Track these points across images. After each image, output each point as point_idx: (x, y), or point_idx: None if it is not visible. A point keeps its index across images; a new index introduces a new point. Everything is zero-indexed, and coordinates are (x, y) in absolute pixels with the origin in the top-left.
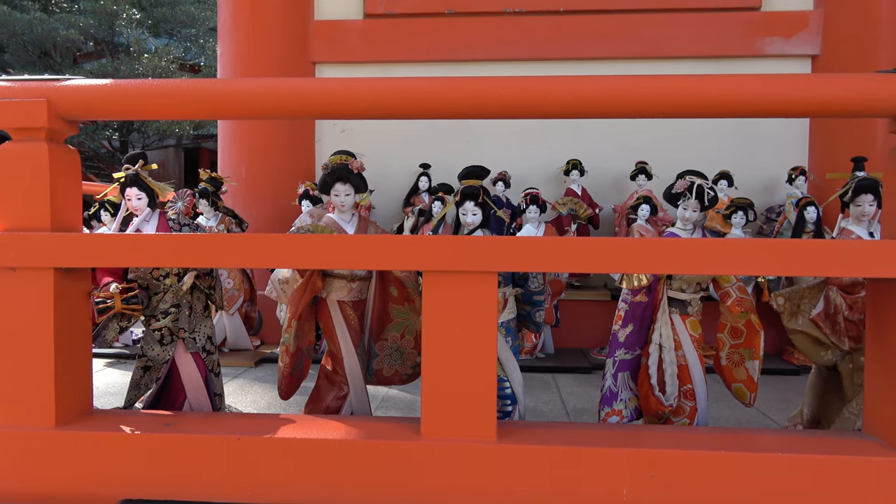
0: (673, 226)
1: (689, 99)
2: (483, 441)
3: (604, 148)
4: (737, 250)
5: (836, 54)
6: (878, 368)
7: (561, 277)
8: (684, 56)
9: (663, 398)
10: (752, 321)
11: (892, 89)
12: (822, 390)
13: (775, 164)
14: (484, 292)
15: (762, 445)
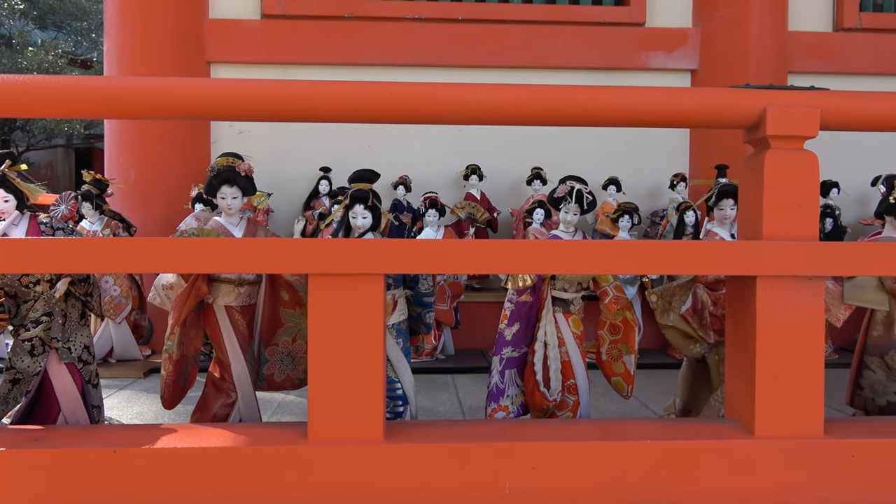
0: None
1: (572, 108)
2: (370, 442)
3: (502, 154)
4: (612, 252)
5: (713, 69)
6: (737, 358)
7: (460, 279)
8: (575, 67)
9: (548, 393)
10: (628, 318)
11: (743, 103)
12: (692, 381)
13: (659, 170)
14: (371, 294)
15: (635, 434)
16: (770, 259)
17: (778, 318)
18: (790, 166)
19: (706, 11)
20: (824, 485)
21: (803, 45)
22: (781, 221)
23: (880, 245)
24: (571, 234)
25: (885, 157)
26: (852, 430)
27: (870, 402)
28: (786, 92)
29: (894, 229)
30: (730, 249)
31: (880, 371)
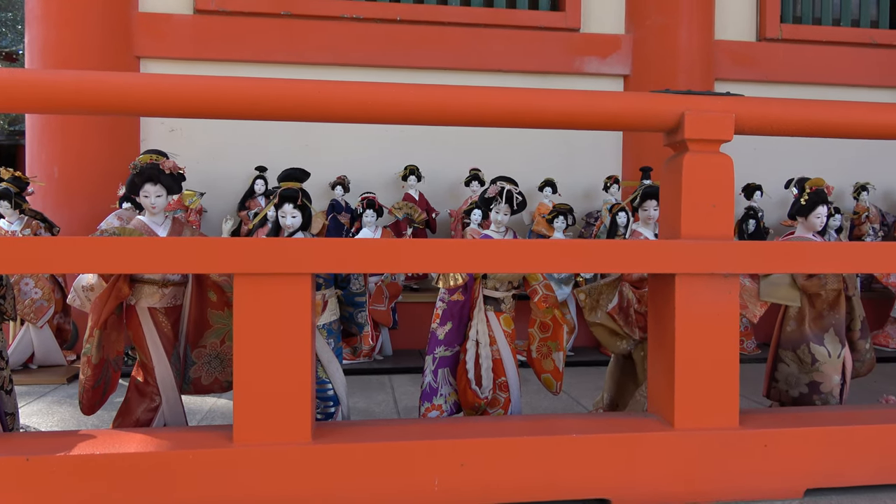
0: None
1: (501, 109)
2: (298, 443)
3: (441, 155)
4: (540, 251)
5: (645, 75)
6: (658, 354)
7: (398, 280)
8: (513, 70)
9: (479, 391)
10: (557, 316)
11: (663, 107)
12: (619, 376)
13: (594, 173)
14: (298, 294)
15: (562, 429)
16: (687, 257)
17: (695, 314)
18: (707, 169)
19: (638, 19)
20: (739, 473)
21: (729, 54)
22: (698, 221)
23: (790, 244)
24: (502, 234)
25: (805, 161)
26: (765, 421)
27: (784, 394)
28: (703, 97)
29: (805, 229)
30: (650, 248)
31: (793, 364)
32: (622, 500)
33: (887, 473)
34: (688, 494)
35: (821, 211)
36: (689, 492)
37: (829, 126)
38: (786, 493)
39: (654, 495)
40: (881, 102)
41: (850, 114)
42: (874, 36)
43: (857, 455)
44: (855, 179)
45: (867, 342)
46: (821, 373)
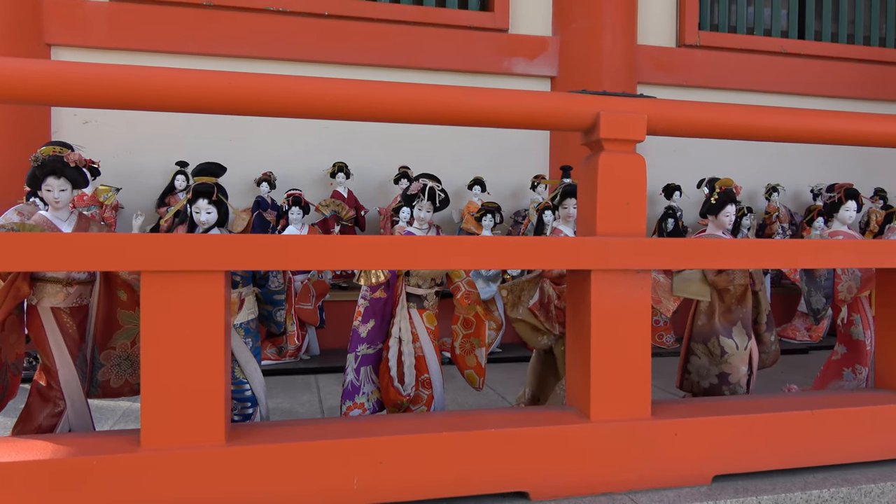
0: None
1: (421, 105)
2: (210, 446)
3: (370, 152)
4: (461, 248)
5: (571, 76)
6: (575, 348)
7: (325, 278)
8: (442, 69)
9: (402, 388)
10: (479, 312)
11: (579, 107)
12: (541, 371)
13: (522, 172)
14: (210, 292)
15: (481, 424)
16: (602, 254)
17: (609, 308)
18: (621, 168)
19: (564, 21)
20: (652, 462)
21: (651, 58)
22: (613, 219)
23: (698, 241)
24: (425, 231)
25: (721, 163)
26: (676, 411)
27: (696, 385)
28: (617, 98)
29: (716, 227)
30: (567, 245)
31: (704, 356)
32: (540, 492)
33: (789, 458)
34: (603, 484)
35: (729, 210)
36: (604, 481)
37: (733, 129)
38: (695, 480)
39: (571, 486)
40: (786, 107)
41: (752, 118)
42: (784, 45)
43: (762, 442)
44: (767, 181)
45: (772, 335)
46: (729, 364)
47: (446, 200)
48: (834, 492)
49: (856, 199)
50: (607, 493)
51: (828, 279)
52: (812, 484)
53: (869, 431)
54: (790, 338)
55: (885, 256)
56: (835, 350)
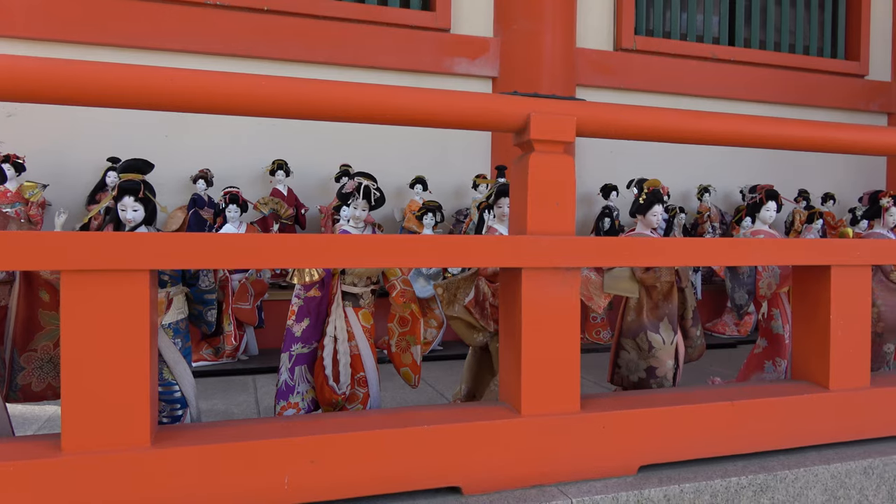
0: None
1: (353, 104)
2: (135, 448)
3: (311, 150)
4: (395, 246)
5: (512, 77)
6: (507, 344)
7: (263, 277)
8: (385, 67)
9: (337, 387)
10: (414, 310)
11: (511, 109)
12: (476, 368)
13: (465, 171)
14: (134, 291)
15: (415, 420)
16: (532, 252)
17: (539, 305)
18: (551, 168)
19: (505, 23)
20: (580, 454)
21: (589, 62)
22: (543, 218)
23: (626, 240)
24: (361, 230)
25: (656, 165)
26: (604, 405)
27: (625, 379)
28: (547, 100)
29: (644, 226)
30: (499, 244)
31: (633, 351)
32: (472, 486)
33: (710, 448)
34: (534, 477)
35: (657, 209)
36: (534, 474)
37: (657, 131)
38: (622, 471)
39: (503, 480)
40: (710, 112)
41: (674, 121)
42: (715, 51)
43: (685, 432)
44: (700, 182)
45: (698, 329)
46: (657, 358)
47: (382, 199)
48: (752, 478)
49: (775, 200)
50: (538, 485)
51: (750, 276)
52: (732, 471)
53: (785, 420)
54: (720, 333)
55: (799, 254)
56: (757, 343)
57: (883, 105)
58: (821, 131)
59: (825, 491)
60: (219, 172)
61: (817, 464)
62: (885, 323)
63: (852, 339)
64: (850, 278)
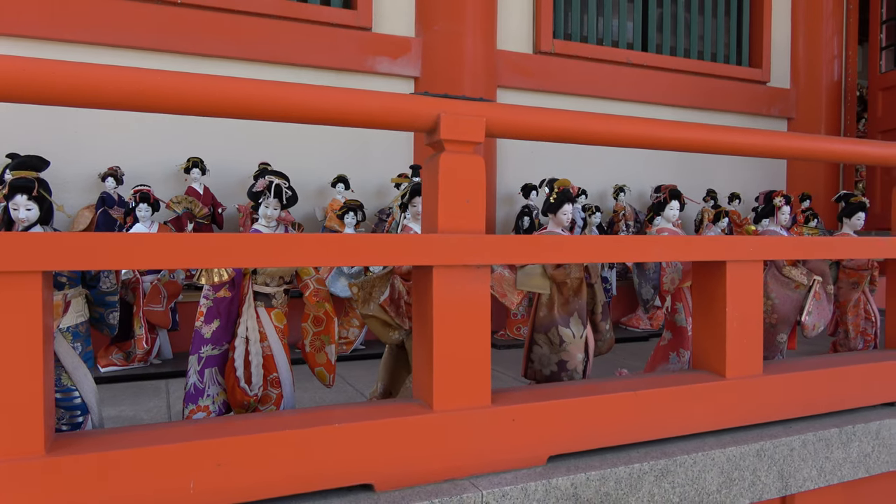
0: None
1: (257, 101)
2: (28, 458)
3: (229, 147)
4: (308, 245)
5: (434, 78)
6: (420, 341)
7: (177, 278)
8: (305, 65)
9: (248, 389)
10: (328, 310)
11: (421, 108)
12: (393, 366)
13: (387, 170)
14: (25, 294)
15: (327, 419)
16: (443, 250)
17: (450, 302)
18: (461, 168)
19: (427, 23)
20: (491, 447)
21: (510, 64)
22: (454, 216)
23: (534, 238)
24: (273, 228)
25: (575, 165)
26: (514, 398)
27: (538, 373)
28: (457, 101)
29: (555, 225)
30: (410, 242)
31: (545, 346)
32: (384, 482)
33: (616, 436)
34: (446, 471)
35: (567, 208)
36: (446, 468)
37: (564, 133)
38: (532, 462)
39: (415, 475)
40: (616, 115)
41: (580, 123)
42: (630, 56)
43: (593, 422)
44: (616, 182)
45: (607, 324)
46: (567, 352)
47: (294, 198)
48: (653, 464)
49: (678, 199)
50: (450, 479)
51: (655, 272)
52: (635, 458)
53: (685, 408)
54: (634, 327)
55: (697, 251)
56: (662, 336)
57: (783, 110)
58: (715, 135)
59: (721, 473)
60: (130, 170)
61: (714, 448)
62: (779, 314)
63: (746, 329)
64: (743, 273)
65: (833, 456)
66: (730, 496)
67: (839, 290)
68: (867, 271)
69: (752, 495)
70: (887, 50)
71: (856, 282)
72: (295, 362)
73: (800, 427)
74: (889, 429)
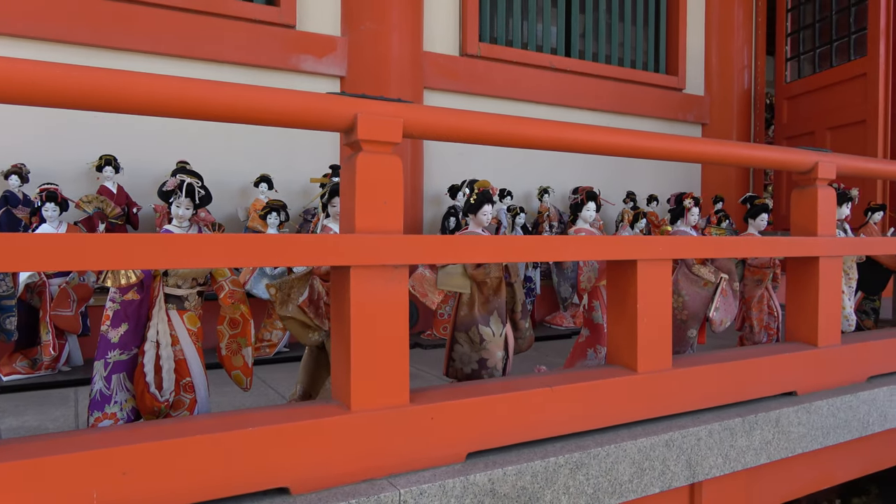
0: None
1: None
2: None
3: (145, 146)
4: (220, 246)
5: (360, 78)
6: (338, 342)
7: (87, 281)
8: (226, 61)
9: (159, 395)
10: (244, 312)
11: (337, 108)
12: (313, 368)
13: (313, 170)
14: None
15: (241, 423)
16: (360, 250)
17: (368, 302)
18: (378, 168)
19: (353, 23)
20: (410, 446)
21: (436, 66)
22: (371, 217)
23: (452, 238)
24: (186, 229)
25: (501, 166)
26: (433, 397)
27: (459, 372)
28: (374, 101)
29: (476, 225)
30: (326, 242)
31: (466, 344)
32: (300, 485)
33: (533, 431)
34: (363, 472)
35: (486, 209)
36: (364, 469)
37: (481, 134)
38: (451, 459)
39: (332, 477)
40: (537, 119)
41: (496, 125)
42: (553, 61)
43: (511, 418)
44: (541, 184)
45: (527, 322)
46: (487, 350)
47: (207, 197)
48: (569, 457)
49: (595, 200)
50: (368, 479)
51: (573, 271)
52: (551, 452)
53: (599, 402)
54: (558, 325)
55: (610, 250)
56: (581, 333)
57: (697, 116)
58: (624, 139)
59: (633, 464)
60: (37, 168)
61: (626, 440)
62: (689, 311)
63: (656, 325)
64: (653, 271)
65: (737, 444)
66: (641, 485)
67: (744, 287)
68: (770, 269)
69: (662, 484)
70: (792, 61)
71: (760, 279)
72: (212, 366)
73: (707, 417)
74: (788, 417)
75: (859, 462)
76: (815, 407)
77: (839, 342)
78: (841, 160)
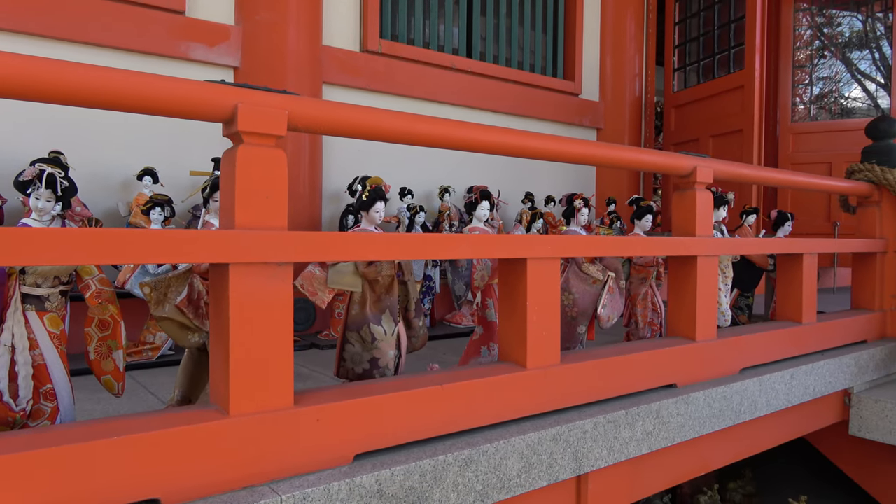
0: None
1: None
2: None
3: (13, 132)
4: (85, 241)
5: (255, 69)
6: (217, 343)
7: None
8: (109, 46)
9: (13, 404)
10: (114, 312)
11: (215, 97)
12: (193, 371)
13: (205, 163)
14: None
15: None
16: (240, 247)
17: (249, 301)
18: (261, 162)
19: (248, 12)
20: (294, 450)
21: (336, 61)
22: (253, 212)
23: (339, 235)
24: (48, 223)
25: (405, 164)
26: (318, 398)
27: (351, 372)
28: (257, 91)
29: (368, 223)
30: (202, 238)
31: (357, 344)
32: (173, 496)
33: (422, 430)
34: (243, 479)
35: (379, 206)
36: (245, 475)
37: (374, 131)
38: (337, 461)
39: (208, 485)
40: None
41: (391, 122)
42: (454, 62)
43: (400, 418)
44: (442, 183)
45: (420, 320)
46: (379, 349)
47: (72, 189)
48: (457, 455)
49: (489, 200)
50: (248, 486)
51: (467, 269)
52: (440, 450)
53: (489, 399)
54: (457, 323)
55: (502, 249)
56: (475, 331)
57: (593, 121)
58: (520, 140)
59: (521, 459)
60: None
61: (515, 435)
62: (579, 308)
63: (545, 322)
64: (542, 269)
65: (621, 435)
66: (529, 479)
67: (630, 285)
68: (654, 268)
69: (549, 477)
70: (679, 71)
71: (644, 277)
72: (82, 372)
73: (592, 411)
74: (667, 408)
75: (734, 448)
76: (692, 398)
77: (715, 336)
78: (717, 165)
